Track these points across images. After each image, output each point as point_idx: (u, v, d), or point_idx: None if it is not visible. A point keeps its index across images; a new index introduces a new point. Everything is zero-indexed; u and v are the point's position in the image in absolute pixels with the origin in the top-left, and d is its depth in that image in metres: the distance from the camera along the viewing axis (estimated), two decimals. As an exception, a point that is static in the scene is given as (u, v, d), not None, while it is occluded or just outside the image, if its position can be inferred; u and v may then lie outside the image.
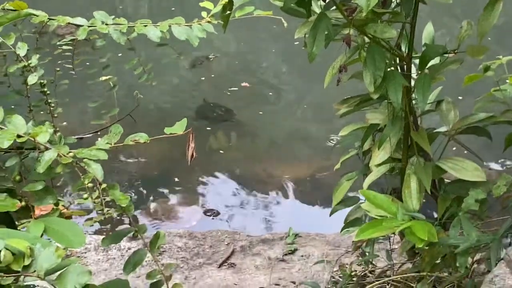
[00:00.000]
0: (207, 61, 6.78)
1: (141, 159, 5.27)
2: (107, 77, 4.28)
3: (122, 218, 4.44)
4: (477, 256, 2.61)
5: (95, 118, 4.69)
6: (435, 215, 2.75)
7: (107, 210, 2.11)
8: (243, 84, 6.21)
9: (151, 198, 4.93)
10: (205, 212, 4.73)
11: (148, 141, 2.41)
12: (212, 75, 6.62)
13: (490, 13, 2.52)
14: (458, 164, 2.70)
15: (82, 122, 5.54)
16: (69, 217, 2.14)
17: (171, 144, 4.58)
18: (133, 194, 4.95)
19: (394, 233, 2.64)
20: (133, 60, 4.08)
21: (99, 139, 2.30)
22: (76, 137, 2.59)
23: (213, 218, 4.65)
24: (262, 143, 5.54)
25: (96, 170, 2.04)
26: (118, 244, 3.87)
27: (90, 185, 2.04)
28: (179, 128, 2.62)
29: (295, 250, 3.99)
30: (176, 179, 5.07)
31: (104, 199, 2.10)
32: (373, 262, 3.25)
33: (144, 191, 5.01)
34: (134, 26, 3.92)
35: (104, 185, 2.07)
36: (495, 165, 4.50)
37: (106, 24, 3.29)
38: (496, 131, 2.86)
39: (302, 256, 3.92)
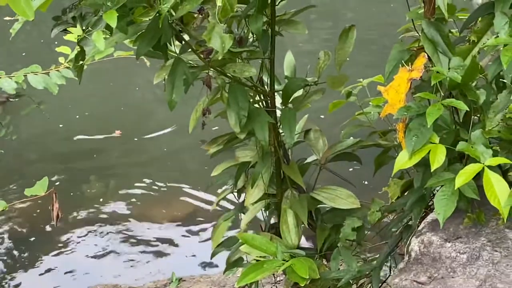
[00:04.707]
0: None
1: (10, 216, 5.00)
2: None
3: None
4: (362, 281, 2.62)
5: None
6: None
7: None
8: (116, 132, 6.04)
9: (25, 255, 4.68)
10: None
11: (7, 208, 2.26)
12: (77, 116, 6.37)
13: (345, 42, 2.56)
14: (332, 193, 2.70)
15: None
16: None
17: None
18: (4, 254, 4.68)
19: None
20: (-13, 116, 3.86)
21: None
22: None
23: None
24: (136, 187, 5.39)
25: None
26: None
27: None
28: (40, 188, 2.49)
29: (180, 295, 3.89)
30: (47, 234, 4.84)
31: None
32: (260, 299, 3.20)
33: (16, 250, 4.74)
34: (-14, 79, 3.71)
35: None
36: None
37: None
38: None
39: (188, 301, 3.82)
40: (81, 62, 2.47)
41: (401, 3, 2.50)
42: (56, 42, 3.47)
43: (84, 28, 2.34)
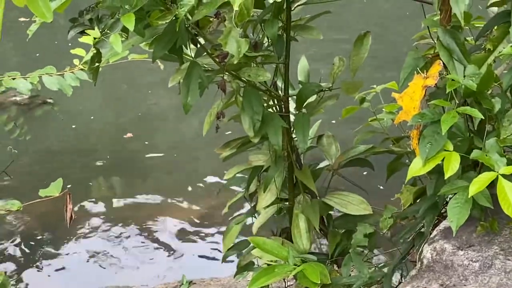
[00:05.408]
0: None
1: (24, 215, 5.02)
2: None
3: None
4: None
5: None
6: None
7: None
8: (128, 135, 6.06)
9: (37, 254, 4.70)
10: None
11: (21, 208, 2.28)
12: (92, 117, 6.40)
13: (360, 48, 2.56)
14: (344, 198, 2.70)
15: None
16: None
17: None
18: (16, 252, 4.70)
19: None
20: (2, 116, 3.89)
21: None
22: None
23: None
24: (148, 189, 5.40)
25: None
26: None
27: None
28: (54, 189, 2.50)
29: (191, 299, 3.89)
30: (60, 234, 4.86)
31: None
32: (271, 303, 3.20)
33: (27, 249, 4.76)
34: (1, 79, 3.74)
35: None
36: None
37: (-30, 81, 3.12)
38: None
39: (198, 305, 3.83)
40: (96, 64, 2.48)
41: (417, 10, 2.50)
42: (70, 44, 3.49)
43: (100, 30, 2.36)
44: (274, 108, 2.62)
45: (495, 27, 2.20)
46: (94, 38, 2.34)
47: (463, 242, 2.05)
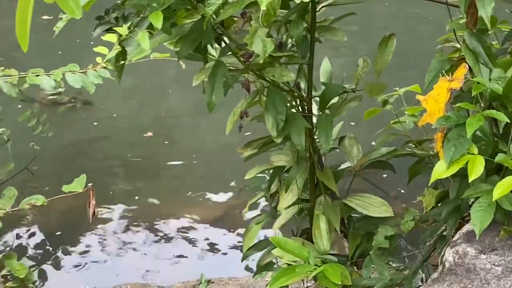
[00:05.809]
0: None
1: (45, 211, 5.06)
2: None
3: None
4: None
5: (-10, 175, 4.48)
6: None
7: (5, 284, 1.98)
8: (147, 134, 6.09)
9: (57, 251, 4.73)
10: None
11: (46, 203, 2.30)
12: (114, 115, 6.45)
13: (385, 50, 2.56)
14: (365, 200, 2.70)
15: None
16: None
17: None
18: (37, 248, 4.73)
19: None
20: (26, 112, 3.93)
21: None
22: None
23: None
24: (168, 188, 5.42)
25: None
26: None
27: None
28: (78, 185, 2.52)
29: (209, 298, 3.90)
30: (79, 231, 4.89)
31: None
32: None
33: (48, 245, 4.79)
34: (25, 76, 3.77)
35: (-2, 257, 1.94)
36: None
37: (-6, 77, 3.16)
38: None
39: (216, 304, 3.83)
40: (121, 62, 2.50)
41: (440, 14, 2.49)
42: (92, 43, 3.51)
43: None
44: (296, 108, 2.63)
45: (522, 31, 2.20)
46: (120, 36, 2.36)
47: (486, 246, 2.05)
